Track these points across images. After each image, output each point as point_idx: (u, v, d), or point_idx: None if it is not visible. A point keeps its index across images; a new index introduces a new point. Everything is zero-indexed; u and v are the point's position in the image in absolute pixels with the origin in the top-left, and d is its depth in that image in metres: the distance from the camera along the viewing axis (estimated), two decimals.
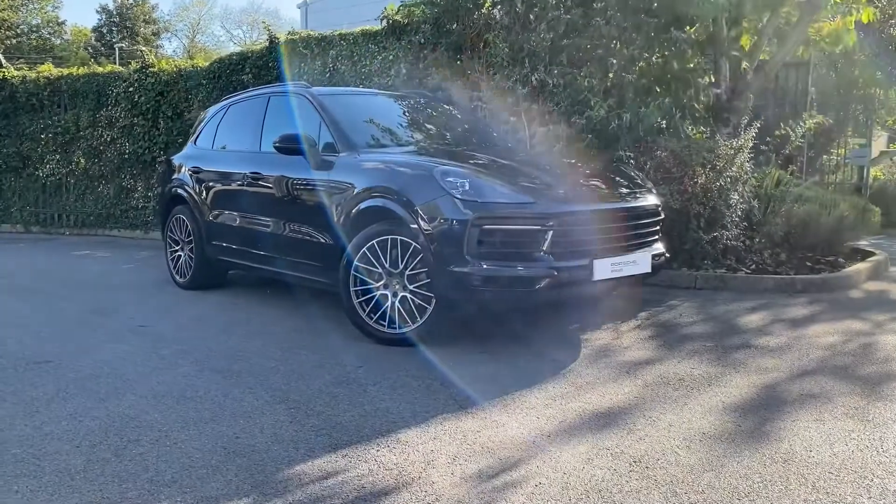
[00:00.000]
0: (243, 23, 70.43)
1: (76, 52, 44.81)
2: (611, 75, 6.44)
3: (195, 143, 6.63)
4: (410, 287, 4.26)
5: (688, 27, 6.35)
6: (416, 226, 4.13)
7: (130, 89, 11.08)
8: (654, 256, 4.43)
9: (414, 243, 4.19)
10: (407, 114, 5.82)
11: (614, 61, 6.26)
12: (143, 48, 12.62)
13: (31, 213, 12.37)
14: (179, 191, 6.42)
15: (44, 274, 7.63)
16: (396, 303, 4.32)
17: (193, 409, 3.30)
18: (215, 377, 3.79)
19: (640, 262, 4.29)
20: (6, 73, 12.11)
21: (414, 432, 3.00)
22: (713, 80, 6.57)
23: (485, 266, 3.94)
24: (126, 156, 11.28)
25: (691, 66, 6.75)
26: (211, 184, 6.03)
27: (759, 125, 6.24)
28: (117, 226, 11.73)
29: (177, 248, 6.52)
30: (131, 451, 2.83)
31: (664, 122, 6.39)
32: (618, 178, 4.78)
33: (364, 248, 4.38)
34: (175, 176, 6.61)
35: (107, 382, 3.71)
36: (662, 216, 4.67)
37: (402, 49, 8.02)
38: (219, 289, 6.38)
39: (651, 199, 4.59)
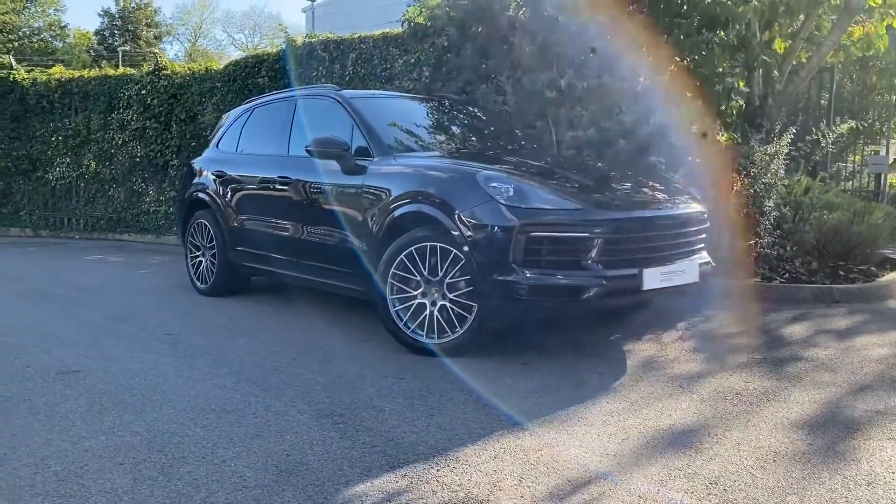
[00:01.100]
0: (245, 27, 70.48)
1: (78, 56, 44.78)
2: (641, 79, 6.31)
3: (217, 146, 6.49)
4: (450, 296, 4.12)
5: (719, 30, 6.22)
6: (457, 232, 3.99)
7: (143, 92, 10.96)
8: (700, 265, 4.29)
9: (454, 250, 4.05)
10: (438, 117, 5.69)
11: (645, 64, 6.12)
12: (156, 50, 12.49)
13: (40, 217, 12.23)
14: (201, 195, 6.28)
15: (58, 279, 7.49)
16: (435, 312, 4.18)
17: (236, 424, 3.16)
18: (254, 389, 3.65)
19: (688, 272, 4.15)
20: (16, 76, 11.99)
21: (472, 450, 2.86)
22: (745, 84, 6.43)
23: (531, 275, 3.80)
24: (137, 159, 11.15)
25: (720, 70, 6.63)
26: (235, 188, 5.90)
27: (794, 131, 6.11)
28: (128, 230, 11.59)
29: (197, 253, 6.38)
30: (178, 470, 2.69)
31: (694, 127, 6.27)
32: (659, 184, 4.64)
33: (402, 256, 4.24)
34: (196, 180, 6.47)
35: (141, 394, 3.57)
36: (708, 224, 4.53)
37: (425, 52, 7.89)
38: (241, 295, 6.24)
39: (696, 206, 4.46)
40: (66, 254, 9.96)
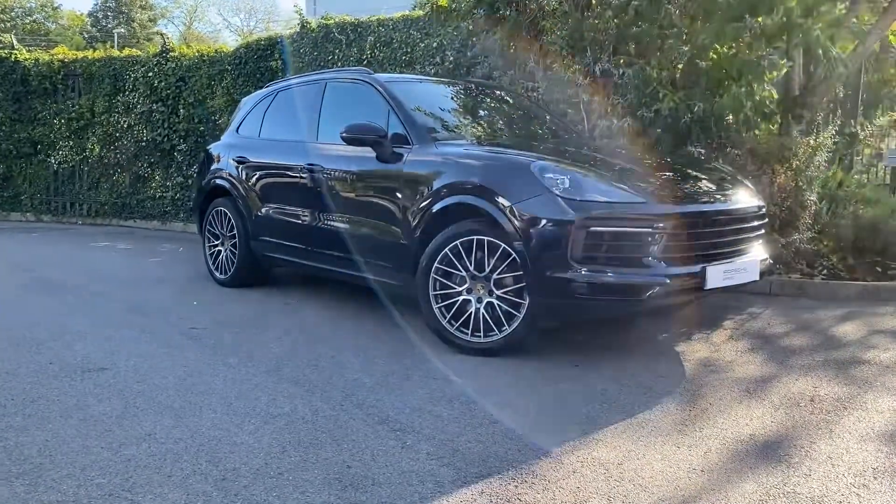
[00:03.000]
0: (241, 10, 69.97)
1: (71, 38, 44.31)
2: (680, 66, 6.07)
3: (237, 131, 6.23)
4: (497, 292, 3.90)
5: (761, 16, 5.96)
6: (509, 226, 3.76)
7: (149, 74, 10.65)
8: (760, 262, 4.09)
9: (504, 245, 3.83)
10: (475, 103, 5.45)
11: (686, 49, 5.87)
12: (163, 32, 12.17)
13: (42, 202, 11.93)
14: (221, 182, 6.02)
15: (68, 267, 7.22)
16: (481, 309, 3.96)
17: (287, 430, 2.94)
18: (297, 390, 3.43)
19: (749, 270, 3.94)
20: (18, 56, 11.64)
21: (547, 464, 2.65)
22: (785, 74, 6.18)
23: (590, 272, 3.57)
24: (143, 143, 10.85)
25: (758, 56, 6.38)
26: (259, 176, 5.64)
27: (839, 122, 5.90)
28: (133, 216, 11.30)
29: (216, 242, 6.14)
30: (234, 484, 2.47)
31: (731, 117, 6.04)
32: (715, 176, 4.41)
33: (446, 249, 4.02)
34: (214, 166, 6.20)
35: (177, 395, 3.35)
36: (767, 219, 4.32)
37: (448, 36, 7.62)
38: (261, 287, 6.00)
39: (755, 200, 4.24)
40: (72, 240, 9.69)
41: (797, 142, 5.76)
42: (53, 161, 11.62)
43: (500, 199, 3.82)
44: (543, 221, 3.64)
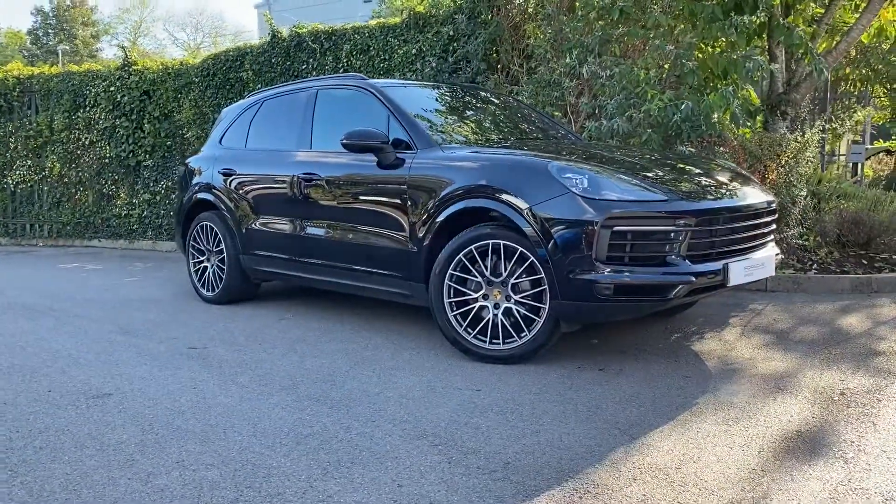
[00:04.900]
0: (187, 25, 69.08)
1: (11, 56, 43.12)
2: (666, 66, 6.09)
3: (220, 142, 6.02)
4: (515, 297, 3.81)
5: (746, 14, 6.02)
6: (528, 229, 3.67)
7: (112, 89, 10.31)
8: (775, 257, 4.08)
9: (521, 248, 3.74)
10: (469, 105, 5.35)
11: (672, 48, 5.88)
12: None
13: None
14: (205, 196, 5.81)
15: (40, 290, 6.90)
16: (500, 315, 3.86)
17: (322, 450, 2.79)
18: (320, 408, 3.27)
19: (766, 265, 3.92)
20: None
21: (604, 472, 2.56)
22: (768, 72, 6.25)
23: (615, 272, 3.50)
24: (107, 160, 10.51)
25: (742, 53, 6.44)
26: (250, 187, 5.45)
27: (826, 118, 5.97)
28: (98, 235, 10.92)
29: (202, 258, 5.92)
30: None
31: (716, 115, 6.07)
32: (722, 172, 4.38)
33: (461, 255, 3.92)
34: (197, 180, 5.99)
35: (195, 419, 3.16)
36: (777, 214, 4.32)
37: (428, 42, 7.52)
38: (251, 302, 5.81)
39: (766, 195, 4.23)
40: (36, 262, 9.30)
41: (787, 138, 5.81)
42: (10, 181, 11.20)
43: (517, 202, 3.73)
44: (565, 222, 3.55)
